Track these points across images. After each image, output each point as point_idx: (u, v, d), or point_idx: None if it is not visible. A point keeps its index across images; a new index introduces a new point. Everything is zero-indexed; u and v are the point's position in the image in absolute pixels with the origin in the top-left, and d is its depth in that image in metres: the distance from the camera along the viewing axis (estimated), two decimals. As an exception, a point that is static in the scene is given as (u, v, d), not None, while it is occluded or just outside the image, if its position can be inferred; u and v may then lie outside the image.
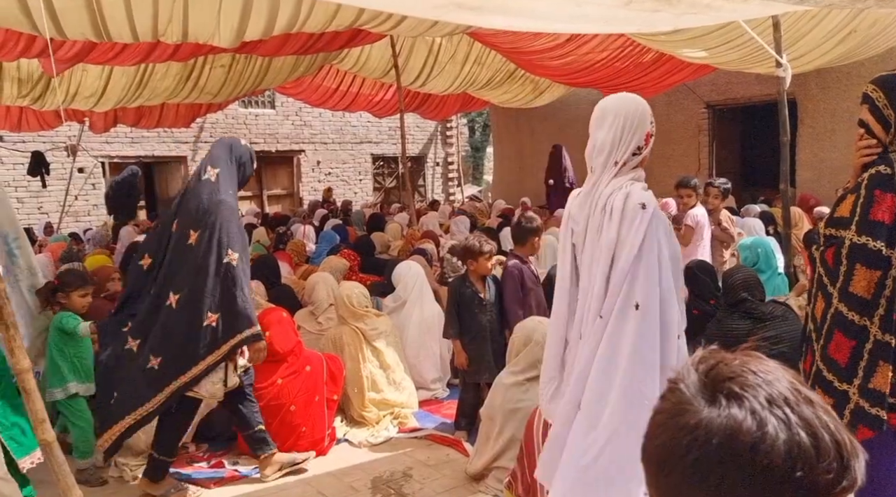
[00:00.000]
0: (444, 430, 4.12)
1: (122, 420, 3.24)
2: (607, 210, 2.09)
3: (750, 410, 0.70)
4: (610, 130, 2.15)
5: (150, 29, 3.97)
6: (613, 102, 2.21)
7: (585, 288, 2.17)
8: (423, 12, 2.47)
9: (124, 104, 8.18)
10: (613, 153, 2.16)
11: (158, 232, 3.43)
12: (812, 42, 6.39)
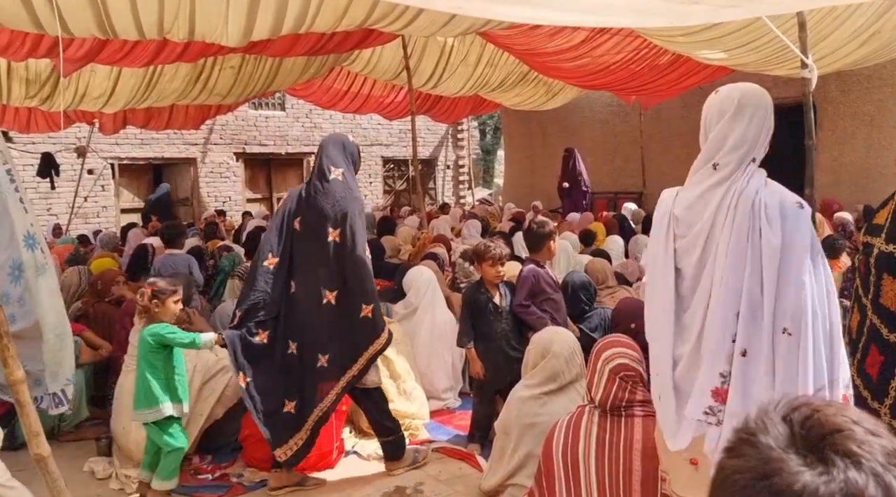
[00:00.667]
0: (456, 442, 3.98)
1: (304, 426, 3.36)
2: (757, 212, 1.86)
3: (872, 473, 0.56)
4: (751, 124, 1.96)
5: (156, 25, 3.87)
6: (753, 94, 2.00)
7: (723, 299, 1.89)
8: (442, 4, 2.35)
9: (133, 105, 8.11)
10: (754, 149, 1.97)
11: (277, 232, 3.45)
12: (835, 43, 6.21)
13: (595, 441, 2.57)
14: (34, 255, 2.71)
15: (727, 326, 1.88)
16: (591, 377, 2.57)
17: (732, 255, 1.88)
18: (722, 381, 1.89)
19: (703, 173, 2.04)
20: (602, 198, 12.37)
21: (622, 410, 2.54)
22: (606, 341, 2.64)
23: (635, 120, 12.30)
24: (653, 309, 2.12)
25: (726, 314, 1.88)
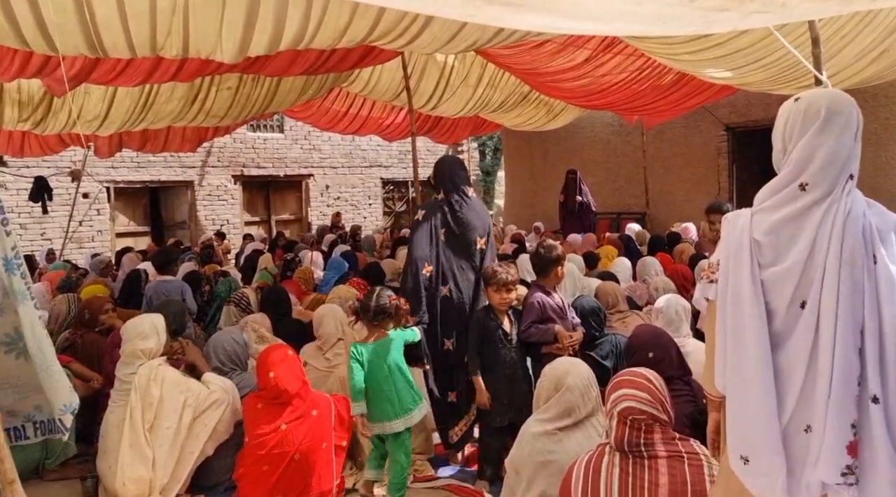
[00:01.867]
0: (463, 479, 3.76)
1: (466, 415, 3.94)
2: (868, 236, 1.68)
3: None
4: (844, 136, 1.75)
5: (148, 41, 3.73)
6: (843, 102, 1.78)
7: (843, 339, 1.63)
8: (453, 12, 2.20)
9: (129, 127, 7.97)
10: (850, 164, 1.77)
11: (428, 242, 3.90)
12: (844, 61, 6.10)
13: (618, 483, 2.36)
14: (12, 280, 2.63)
15: (852, 369, 1.63)
16: (607, 417, 2.39)
17: (845, 286, 1.64)
18: (854, 433, 1.63)
19: (787, 194, 1.80)
20: (605, 218, 12.23)
21: (643, 450, 2.34)
22: (617, 380, 2.46)
23: (637, 140, 12.21)
24: (740, 354, 1.80)
25: (849, 355, 1.62)
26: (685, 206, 11.21)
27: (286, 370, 3.44)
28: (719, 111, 10.61)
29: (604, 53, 7.04)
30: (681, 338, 3.84)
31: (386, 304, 3.50)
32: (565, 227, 10.56)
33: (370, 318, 3.51)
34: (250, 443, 3.43)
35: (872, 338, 1.62)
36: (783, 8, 1.78)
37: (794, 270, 1.72)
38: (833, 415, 1.64)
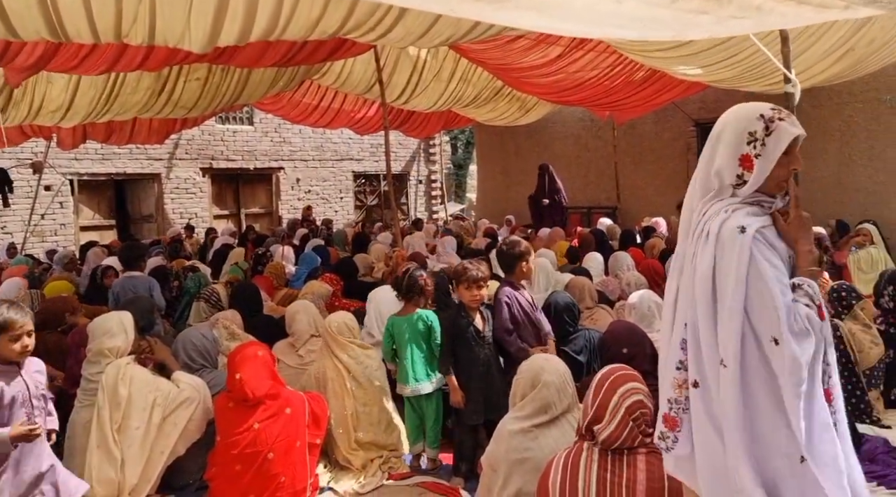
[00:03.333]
0: (439, 475, 3.75)
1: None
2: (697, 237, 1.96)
3: None
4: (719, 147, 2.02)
5: (113, 28, 3.60)
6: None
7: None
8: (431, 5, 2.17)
9: (93, 119, 7.76)
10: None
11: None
12: (810, 60, 6.22)
13: (596, 480, 2.37)
14: None
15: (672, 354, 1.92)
16: (600, 411, 2.37)
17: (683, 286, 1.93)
18: (669, 407, 1.92)
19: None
20: (576, 213, 12.30)
21: (624, 448, 2.35)
22: (619, 373, 2.44)
23: (608, 135, 12.30)
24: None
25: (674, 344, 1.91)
26: (655, 201, 11.33)
27: (254, 372, 3.38)
28: (689, 107, 10.73)
29: (576, 50, 7.06)
30: (653, 333, 3.87)
31: (416, 282, 3.99)
32: (543, 222, 10.59)
33: (403, 293, 4.02)
34: (222, 442, 3.37)
35: (692, 332, 1.85)
36: (759, 12, 1.79)
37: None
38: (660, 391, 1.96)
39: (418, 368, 3.92)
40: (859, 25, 5.82)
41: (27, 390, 2.81)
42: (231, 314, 4.63)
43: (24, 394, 2.80)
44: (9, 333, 2.74)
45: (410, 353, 3.92)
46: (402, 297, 4.05)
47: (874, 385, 4.13)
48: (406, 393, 3.96)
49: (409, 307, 4.03)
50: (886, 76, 8.64)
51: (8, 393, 2.74)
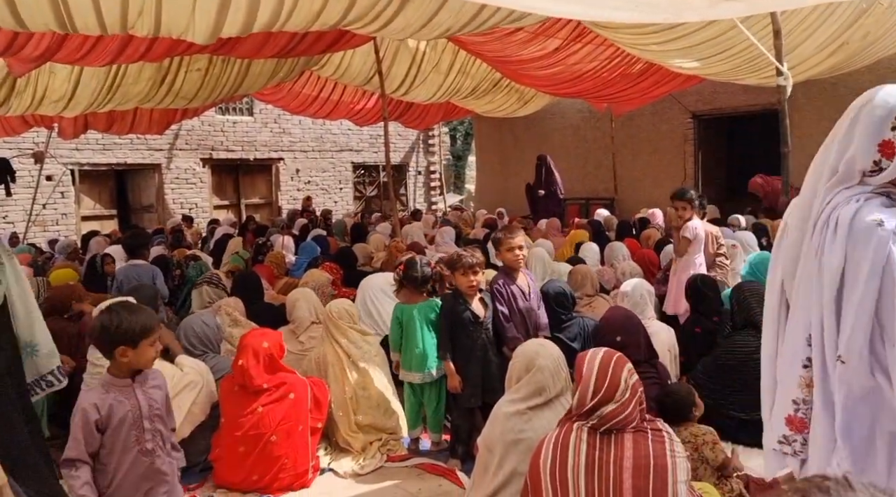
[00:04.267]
0: (436, 457, 3.86)
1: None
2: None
3: None
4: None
5: (119, 20, 3.67)
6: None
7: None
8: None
9: (95, 109, 7.83)
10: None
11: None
12: (805, 52, 6.30)
13: (585, 459, 2.47)
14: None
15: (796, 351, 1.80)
16: (610, 391, 2.42)
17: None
18: (795, 409, 1.80)
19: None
20: (574, 203, 12.39)
21: (612, 427, 2.45)
22: (619, 355, 2.52)
23: (606, 126, 12.37)
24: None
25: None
26: (652, 192, 11.42)
27: (255, 361, 3.49)
28: (686, 99, 10.80)
29: (574, 42, 7.12)
30: (645, 320, 3.97)
31: (429, 272, 4.10)
32: (539, 213, 10.68)
33: (417, 285, 4.06)
34: (227, 424, 3.48)
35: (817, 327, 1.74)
36: (748, -5, 1.85)
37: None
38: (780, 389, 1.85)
39: (430, 355, 3.97)
40: (854, 19, 5.90)
41: (139, 409, 2.46)
42: (234, 302, 4.72)
43: (136, 413, 2.44)
44: (149, 338, 2.44)
45: (422, 340, 3.96)
46: (410, 286, 4.09)
47: (861, 372, 4.23)
48: (416, 380, 4.00)
49: (417, 296, 4.08)
50: (881, 69, 8.70)
51: (117, 413, 2.40)
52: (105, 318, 2.43)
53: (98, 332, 2.42)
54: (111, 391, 2.42)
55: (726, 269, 5.38)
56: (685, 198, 5.19)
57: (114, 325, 2.37)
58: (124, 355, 2.40)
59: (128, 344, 2.38)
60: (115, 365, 2.44)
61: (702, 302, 4.40)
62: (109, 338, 2.38)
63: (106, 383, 2.45)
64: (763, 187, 9.22)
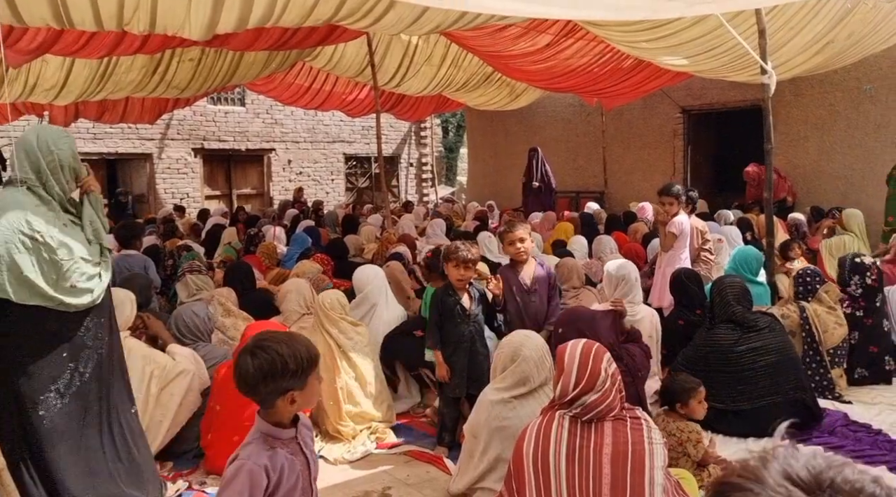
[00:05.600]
0: (424, 445, 3.95)
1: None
2: None
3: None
4: None
5: (115, 16, 3.71)
6: None
7: None
8: None
9: (86, 98, 7.84)
10: None
11: None
12: (792, 51, 6.39)
13: (566, 446, 2.57)
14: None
15: None
16: (592, 380, 2.52)
17: None
18: None
19: None
20: (564, 197, 12.49)
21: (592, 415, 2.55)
22: (598, 345, 2.62)
23: (597, 120, 12.46)
24: None
25: None
26: (642, 186, 11.53)
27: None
28: (676, 94, 10.89)
29: (566, 38, 7.19)
30: (631, 303, 4.08)
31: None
32: (532, 205, 10.76)
33: (441, 272, 4.29)
34: (222, 413, 3.55)
35: None
36: None
37: None
38: None
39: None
40: (839, 19, 5.99)
41: (308, 468, 2.01)
42: (226, 291, 4.79)
43: (306, 475, 2.00)
44: (317, 367, 1.96)
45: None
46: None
47: (837, 364, 4.36)
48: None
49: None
50: (867, 66, 8.84)
51: (289, 477, 1.91)
52: (258, 362, 1.90)
53: (256, 381, 1.90)
54: (276, 446, 1.93)
55: (710, 264, 5.49)
56: (671, 193, 5.29)
57: (278, 369, 1.89)
58: (293, 402, 1.93)
59: (297, 386, 1.92)
60: (275, 413, 1.95)
61: (685, 295, 4.51)
62: (275, 386, 1.89)
63: (266, 436, 1.94)
64: (758, 175, 9.36)
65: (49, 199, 2.83)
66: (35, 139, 2.82)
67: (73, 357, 2.87)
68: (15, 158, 2.78)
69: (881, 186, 7.39)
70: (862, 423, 3.89)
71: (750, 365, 3.80)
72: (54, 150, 2.82)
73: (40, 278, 2.73)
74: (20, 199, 2.76)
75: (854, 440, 3.69)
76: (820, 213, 8.42)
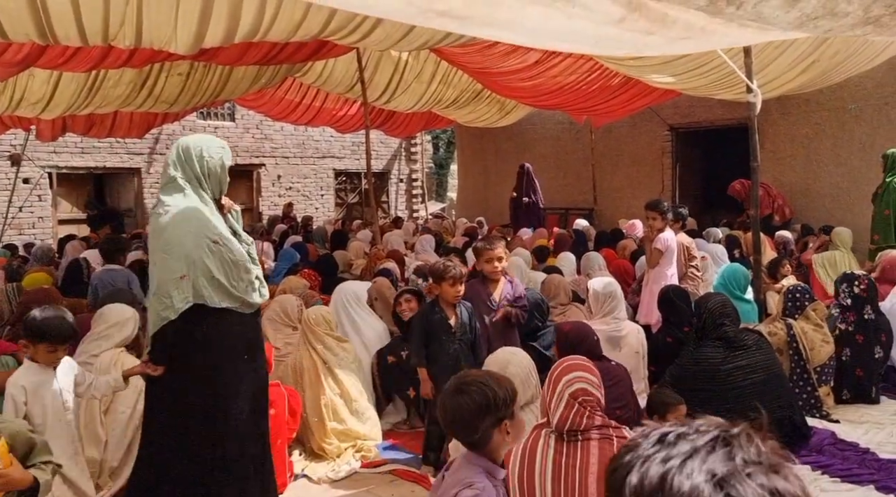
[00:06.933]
0: (409, 463, 3.90)
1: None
2: None
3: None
4: None
5: (101, 32, 3.70)
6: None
7: None
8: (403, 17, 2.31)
9: (73, 112, 7.79)
10: None
11: None
12: (777, 70, 6.47)
13: (551, 464, 2.53)
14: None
15: None
16: (549, 400, 2.53)
17: None
18: None
19: None
20: (553, 213, 12.52)
21: (578, 435, 2.51)
22: (567, 364, 2.61)
23: (586, 137, 12.53)
24: None
25: None
26: (631, 203, 11.57)
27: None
28: (664, 112, 10.99)
29: (554, 56, 7.23)
30: (617, 320, 4.06)
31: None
32: (521, 221, 10.77)
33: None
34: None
35: None
36: (703, 33, 1.95)
37: None
38: None
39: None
40: (822, 39, 6.07)
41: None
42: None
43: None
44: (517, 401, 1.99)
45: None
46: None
47: (824, 381, 4.35)
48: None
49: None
50: (852, 86, 8.95)
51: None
52: (471, 398, 1.87)
53: (473, 417, 1.86)
54: (491, 481, 1.89)
55: (698, 281, 5.49)
56: (657, 209, 5.29)
57: (492, 400, 1.87)
58: (508, 432, 1.92)
59: (508, 415, 1.90)
60: (490, 449, 1.91)
61: (673, 312, 4.50)
62: (492, 418, 1.87)
63: (487, 473, 1.89)
64: (742, 193, 9.42)
65: (209, 201, 2.91)
66: (191, 145, 2.89)
67: (252, 358, 2.97)
68: (174, 161, 2.84)
69: (867, 205, 7.45)
70: (849, 441, 3.87)
71: (737, 383, 3.78)
72: (206, 158, 2.87)
73: (227, 279, 2.81)
74: (195, 202, 2.83)
75: (842, 459, 3.67)
76: (809, 231, 8.48)
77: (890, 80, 8.88)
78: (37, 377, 2.81)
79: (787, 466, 0.75)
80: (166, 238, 2.75)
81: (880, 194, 6.94)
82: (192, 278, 2.72)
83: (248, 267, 2.91)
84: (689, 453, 0.75)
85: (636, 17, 1.87)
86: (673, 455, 0.75)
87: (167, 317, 2.71)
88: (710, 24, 2.00)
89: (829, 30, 2.11)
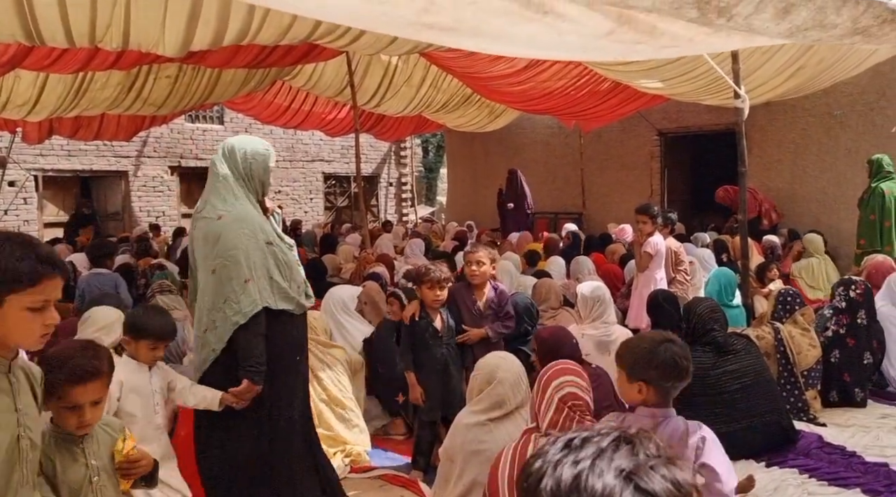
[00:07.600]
0: (398, 468, 3.88)
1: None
2: None
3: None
4: None
5: (87, 33, 3.66)
6: None
7: None
8: (392, 29, 2.31)
9: (60, 114, 7.72)
10: None
11: None
12: (764, 76, 6.52)
13: (541, 469, 2.53)
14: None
15: None
16: (539, 404, 2.53)
17: None
18: None
19: None
20: (543, 218, 12.54)
21: (568, 437, 2.51)
22: (557, 368, 2.60)
23: (575, 142, 12.57)
24: None
25: None
26: (619, 207, 11.62)
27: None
28: (653, 117, 11.05)
29: (543, 61, 7.25)
30: (609, 325, 4.06)
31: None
32: (508, 226, 10.79)
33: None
34: (187, 437, 3.45)
35: None
36: (690, 43, 1.96)
37: None
38: None
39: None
40: (808, 45, 6.13)
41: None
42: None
43: None
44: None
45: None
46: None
47: (811, 385, 4.38)
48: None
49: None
50: (838, 92, 9.04)
51: None
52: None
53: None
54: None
55: (686, 285, 5.52)
56: (647, 213, 5.33)
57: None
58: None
59: None
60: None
61: (663, 317, 4.51)
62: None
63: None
64: (727, 199, 9.49)
65: (255, 202, 2.91)
66: (237, 146, 2.88)
67: (302, 359, 2.99)
68: (221, 161, 2.84)
69: (853, 210, 7.52)
70: (836, 445, 3.90)
71: (726, 388, 3.79)
72: (251, 159, 2.87)
73: (283, 281, 2.82)
74: (245, 204, 2.83)
75: (829, 462, 3.68)
76: (796, 236, 8.55)
77: (874, 86, 8.98)
78: (134, 374, 2.73)
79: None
80: (224, 243, 2.71)
81: (866, 199, 7.00)
82: (255, 281, 2.70)
83: (298, 269, 2.93)
84: (597, 454, 0.81)
85: (625, 30, 1.88)
86: (581, 457, 0.81)
87: (237, 321, 2.70)
88: (698, 36, 2.01)
89: (818, 39, 2.13)
